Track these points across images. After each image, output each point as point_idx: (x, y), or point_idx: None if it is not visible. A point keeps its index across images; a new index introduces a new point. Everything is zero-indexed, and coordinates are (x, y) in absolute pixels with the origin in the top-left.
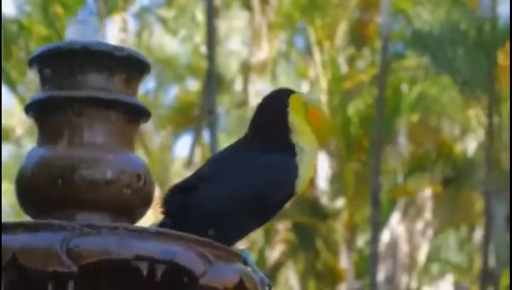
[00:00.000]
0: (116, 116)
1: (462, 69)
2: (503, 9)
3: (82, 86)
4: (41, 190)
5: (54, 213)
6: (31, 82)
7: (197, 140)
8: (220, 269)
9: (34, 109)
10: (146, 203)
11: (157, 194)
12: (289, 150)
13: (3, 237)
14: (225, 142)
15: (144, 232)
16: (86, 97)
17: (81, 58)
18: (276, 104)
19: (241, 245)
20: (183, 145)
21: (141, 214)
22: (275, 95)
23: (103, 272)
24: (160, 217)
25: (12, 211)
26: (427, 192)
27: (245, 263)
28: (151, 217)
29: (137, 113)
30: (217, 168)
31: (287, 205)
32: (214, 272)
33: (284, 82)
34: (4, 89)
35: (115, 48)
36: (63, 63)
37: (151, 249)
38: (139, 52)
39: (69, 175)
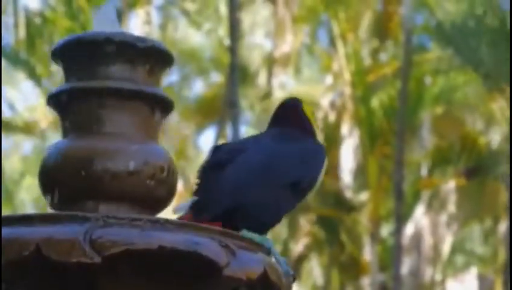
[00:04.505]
0: (140, 107)
1: (486, 61)
2: None
3: (105, 76)
4: (64, 181)
5: (77, 204)
6: (56, 75)
7: (220, 133)
8: (243, 260)
9: (57, 100)
10: (169, 194)
11: (181, 186)
12: (317, 140)
13: (26, 229)
14: (248, 135)
15: (166, 223)
16: (109, 88)
17: (104, 49)
18: (297, 106)
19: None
20: (207, 139)
21: (164, 206)
22: (293, 103)
23: (126, 263)
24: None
25: (36, 206)
26: (451, 184)
27: (269, 252)
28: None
29: (161, 105)
30: (250, 147)
31: (311, 198)
32: (238, 263)
33: (307, 75)
34: (29, 82)
35: (138, 38)
36: (86, 54)
37: (174, 240)
38: (162, 44)
39: (92, 166)
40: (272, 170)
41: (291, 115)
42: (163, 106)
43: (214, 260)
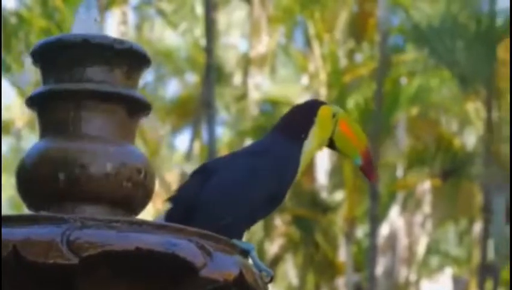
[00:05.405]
0: (117, 109)
1: (462, 63)
2: (502, 2)
3: (83, 79)
4: (42, 182)
5: (55, 205)
6: (31, 74)
7: (196, 134)
8: (220, 261)
9: (35, 102)
10: (146, 196)
11: (157, 187)
12: (298, 148)
13: (3, 230)
14: (224, 135)
15: (144, 224)
16: (86, 90)
17: (82, 51)
18: (307, 112)
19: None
20: (182, 139)
21: (141, 207)
22: (309, 104)
23: (104, 264)
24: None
25: (10, 204)
26: (426, 185)
27: (245, 254)
28: (151, 210)
29: (138, 107)
30: (230, 160)
31: (287, 198)
32: (214, 264)
33: (283, 75)
34: (4, 81)
35: (116, 40)
36: (63, 56)
37: (151, 242)
38: (140, 45)
39: (69, 168)
40: (245, 186)
41: (289, 118)
42: (141, 108)
43: (191, 261)
